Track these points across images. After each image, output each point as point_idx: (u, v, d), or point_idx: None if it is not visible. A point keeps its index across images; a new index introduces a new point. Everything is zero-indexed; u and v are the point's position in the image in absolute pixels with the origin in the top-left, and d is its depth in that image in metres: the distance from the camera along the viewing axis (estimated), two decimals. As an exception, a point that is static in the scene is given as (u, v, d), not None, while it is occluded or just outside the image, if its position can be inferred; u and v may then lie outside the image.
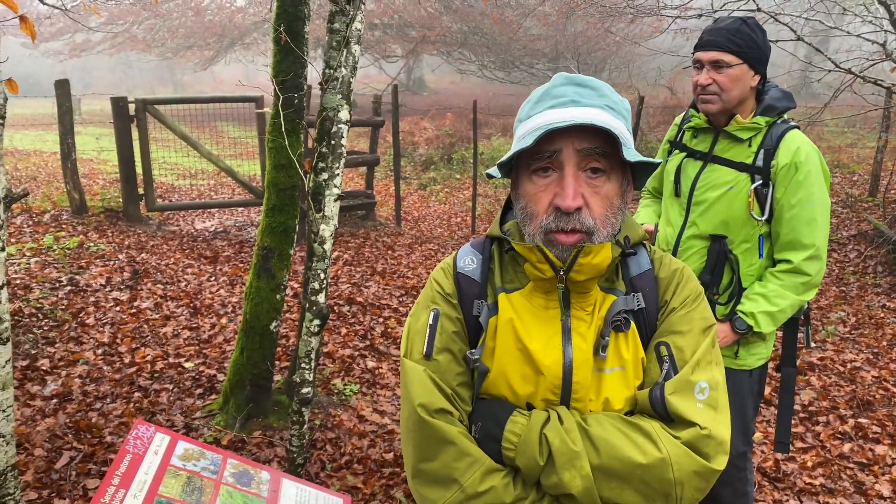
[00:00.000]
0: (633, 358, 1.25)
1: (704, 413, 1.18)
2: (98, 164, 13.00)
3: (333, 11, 3.12)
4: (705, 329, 1.27)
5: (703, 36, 2.19)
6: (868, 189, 9.79)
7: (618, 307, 1.24)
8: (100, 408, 3.80)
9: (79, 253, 6.45)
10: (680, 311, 1.28)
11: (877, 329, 5.32)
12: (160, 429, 1.63)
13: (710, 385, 1.21)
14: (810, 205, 2.14)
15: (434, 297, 1.32)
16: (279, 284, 3.61)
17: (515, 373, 1.25)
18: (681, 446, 1.15)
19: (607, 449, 1.14)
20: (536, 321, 1.25)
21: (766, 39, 2.15)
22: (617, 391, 1.23)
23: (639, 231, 1.31)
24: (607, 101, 1.20)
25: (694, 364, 1.22)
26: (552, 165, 1.19)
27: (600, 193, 1.19)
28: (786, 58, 16.62)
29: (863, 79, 5.73)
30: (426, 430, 1.21)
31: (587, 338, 1.24)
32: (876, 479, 3.35)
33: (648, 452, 1.13)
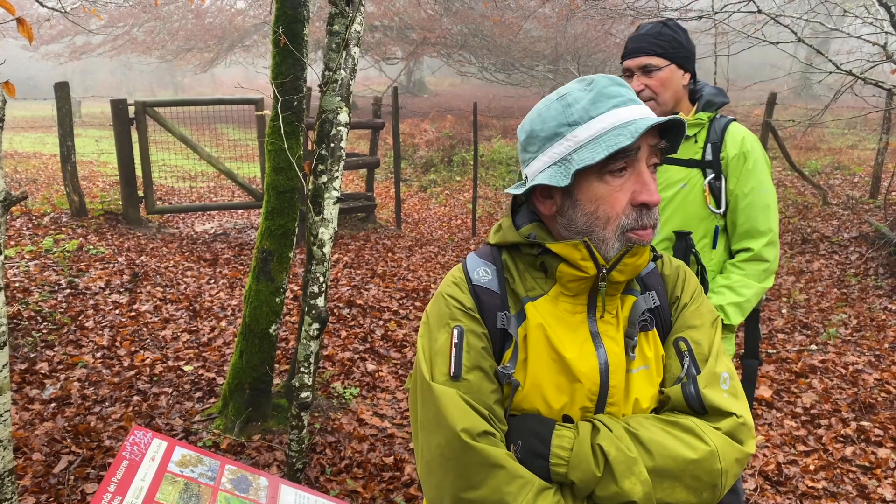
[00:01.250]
0: (655, 356, 1.27)
1: (733, 402, 1.22)
2: (98, 167, 13.00)
3: (333, 13, 3.11)
4: (714, 321, 1.31)
5: (628, 44, 2.22)
6: (869, 191, 9.78)
7: (641, 307, 1.26)
8: (99, 411, 3.79)
9: (78, 256, 6.44)
10: (691, 305, 1.31)
11: (878, 331, 5.30)
12: (157, 434, 1.62)
13: (730, 375, 1.25)
14: (762, 192, 2.20)
15: (453, 314, 1.25)
16: (279, 287, 3.60)
17: (550, 384, 1.21)
18: (723, 437, 1.18)
19: (660, 450, 1.14)
20: (565, 327, 1.23)
21: (689, 38, 2.19)
22: (644, 390, 1.24)
23: None
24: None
25: (715, 356, 1.25)
26: (627, 164, 1.17)
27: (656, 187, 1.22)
28: (786, 59, 16.62)
29: (863, 80, 5.72)
30: (472, 456, 1.14)
31: (618, 340, 1.24)
32: (879, 483, 3.33)
33: (697, 447, 1.15)
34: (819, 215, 8.90)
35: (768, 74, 12.18)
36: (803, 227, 8.33)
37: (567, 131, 1.18)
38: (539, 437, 1.17)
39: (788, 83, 19.56)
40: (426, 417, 1.20)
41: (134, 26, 22.19)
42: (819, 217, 8.81)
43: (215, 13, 22.86)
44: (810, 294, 6.30)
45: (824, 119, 8.36)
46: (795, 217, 8.92)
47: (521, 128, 1.27)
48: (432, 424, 1.19)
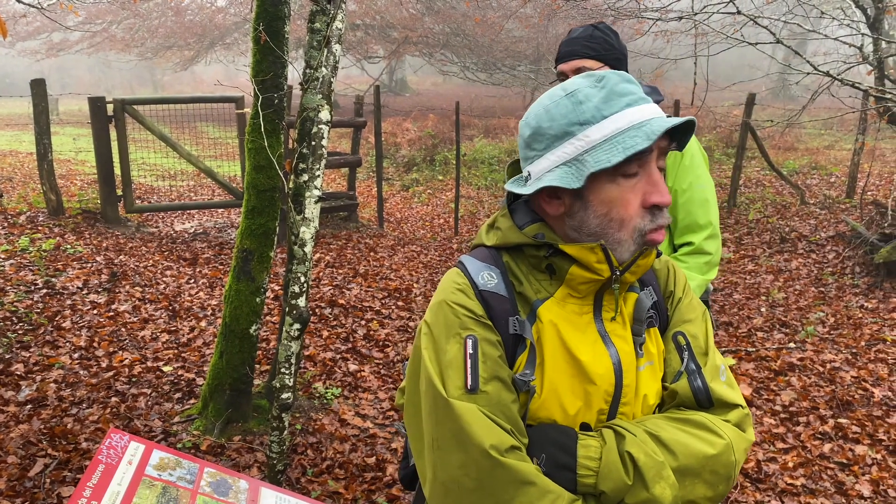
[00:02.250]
0: (657, 351, 1.28)
1: (733, 392, 1.25)
2: (76, 165, 12.83)
3: (314, 11, 3.09)
4: (704, 313, 1.34)
5: (561, 48, 2.23)
6: (845, 191, 9.91)
7: (646, 304, 1.26)
8: (76, 413, 3.73)
9: (55, 255, 6.35)
10: (685, 299, 1.34)
11: (855, 329, 5.37)
12: (135, 437, 1.59)
13: (725, 366, 1.29)
14: (700, 187, 2.24)
15: (464, 323, 1.18)
16: (259, 287, 3.57)
17: (566, 388, 1.18)
18: (734, 428, 1.20)
19: (682, 450, 1.14)
20: (574, 329, 1.20)
21: (619, 41, 2.23)
22: (650, 386, 1.25)
23: None
24: None
25: (712, 349, 1.29)
26: (640, 166, 1.15)
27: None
28: (765, 60, 16.79)
29: (840, 81, 5.78)
30: (502, 474, 1.08)
31: (627, 338, 1.24)
32: (856, 480, 3.37)
33: (715, 442, 1.16)
34: (797, 215, 9.00)
35: (747, 75, 12.30)
36: (782, 227, 8.42)
37: (578, 130, 1.14)
38: (563, 449, 1.13)
39: (767, 84, 19.77)
40: (442, 436, 1.13)
41: (112, 23, 21.93)
42: (797, 216, 8.91)
43: (195, 11, 22.67)
44: (788, 293, 6.37)
45: (802, 119, 8.44)
46: (774, 216, 9.01)
47: (526, 123, 1.22)
48: (451, 443, 1.12)
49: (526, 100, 22.49)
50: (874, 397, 4.21)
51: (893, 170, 11.50)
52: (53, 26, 19.05)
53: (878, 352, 4.91)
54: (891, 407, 4.10)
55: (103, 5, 20.48)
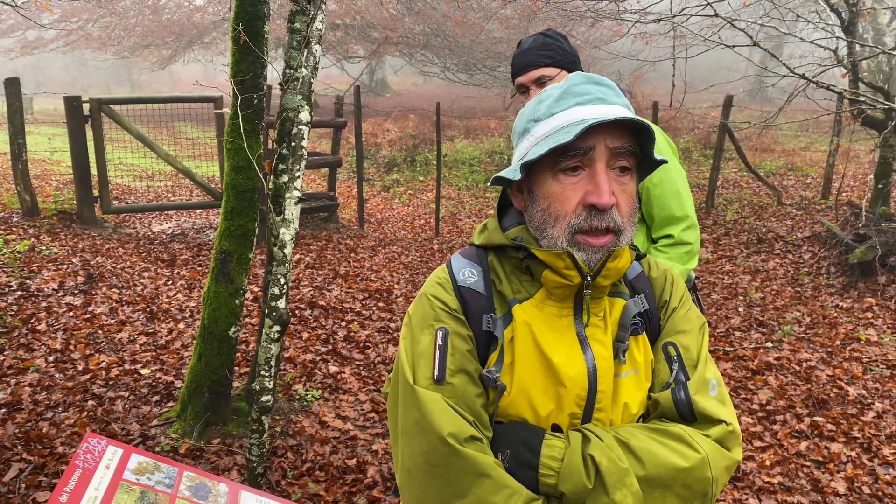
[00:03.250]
0: (644, 360, 1.25)
1: (721, 409, 1.21)
2: (51, 165, 12.64)
3: (294, 11, 3.07)
4: (701, 327, 1.30)
5: (515, 61, 2.25)
6: (821, 192, 10.05)
7: (632, 311, 1.24)
8: (51, 417, 3.68)
9: (30, 256, 6.25)
10: (680, 310, 1.30)
11: (830, 329, 5.45)
12: (112, 441, 1.57)
13: (717, 381, 1.24)
14: (671, 180, 2.24)
15: (437, 315, 1.21)
16: (238, 289, 3.54)
17: (537, 388, 1.18)
18: (713, 444, 1.16)
19: (651, 459, 1.11)
20: (552, 331, 1.21)
21: (570, 44, 2.24)
22: (633, 395, 1.22)
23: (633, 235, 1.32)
24: (625, 100, 1.19)
25: (703, 362, 1.25)
26: (582, 164, 1.15)
27: (627, 192, 1.16)
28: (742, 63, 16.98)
29: (815, 84, 5.86)
30: (458, 463, 1.10)
31: (606, 343, 1.21)
32: (832, 477, 3.42)
33: (689, 456, 1.13)
34: (774, 215, 9.11)
35: (725, 77, 12.43)
36: (759, 227, 8.52)
37: (532, 127, 1.20)
38: (528, 446, 1.14)
39: (744, 86, 20.01)
40: (408, 423, 1.16)
41: (88, 21, 21.64)
42: (774, 217, 9.02)
43: (173, 9, 22.44)
44: (765, 293, 6.44)
45: (778, 121, 8.55)
46: (751, 217, 9.12)
47: None
48: (415, 430, 1.14)
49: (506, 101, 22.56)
50: (849, 395, 4.27)
51: (867, 171, 11.67)
52: (28, 24, 18.77)
53: (853, 351, 4.98)
54: (865, 405, 4.16)
55: (79, 3, 20.22)
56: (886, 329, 5.36)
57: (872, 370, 4.65)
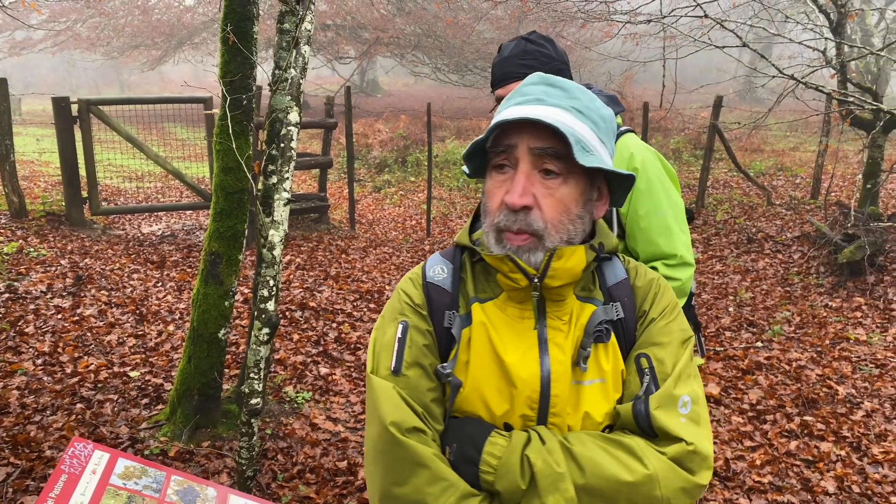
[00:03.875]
0: (612, 370, 1.21)
1: (688, 428, 1.15)
2: (39, 167, 12.56)
3: (283, 11, 3.06)
4: (684, 341, 1.23)
5: (495, 72, 2.02)
6: (810, 192, 10.10)
7: (599, 317, 1.20)
8: (39, 420, 3.65)
9: (18, 259, 6.21)
10: (660, 321, 1.24)
11: (820, 328, 5.47)
12: (99, 446, 1.55)
13: (692, 399, 1.18)
14: (659, 214, 1.98)
15: (402, 309, 1.26)
16: (228, 291, 3.52)
17: (491, 388, 1.19)
18: (667, 462, 1.12)
19: (592, 468, 1.10)
20: (512, 332, 1.21)
21: (556, 47, 2.01)
22: (596, 405, 1.19)
23: (613, 240, 1.27)
24: (576, 103, 1.16)
25: (676, 377, 1.18)
26: (508, 162, 1.16)
27: (554, 196, 1.15)
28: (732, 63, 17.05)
29: (804, 85, 5.89)
30: (398, 452, 1.14)
31: (565, 349, 1.19)
32: (822, 476, 3.43)
33: (635, 470, 1.10)
34: (764, 215, 9.15)
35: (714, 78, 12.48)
36: (749, 227, 8.56)
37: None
38: (473, 443, 1.15)
39: (734, 86, 20.10)
40: (368, 409, 1.21)
41: (77, 21, 21.51)
42: (764, 217, 9.06)
43: (163, 10, 22.33)
44: (756, 292, 6.47)
45: (768, 122, 8.59)
46: (741, 217, 9.15)
47: None
48: (370, 417, 1.20)
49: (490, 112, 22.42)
50: (838, 395, 4.29)
51: (856, 171, 11.74)
52: (16, 24, 18.64)
53: (842, 350, 5.01)
54: (854, 404, 4.18)
55: (67, 3, 20.11)
56: (875, 328, 5.39)
57: (861, 369, 4.67)
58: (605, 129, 1.20)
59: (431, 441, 1.16)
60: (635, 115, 13.92)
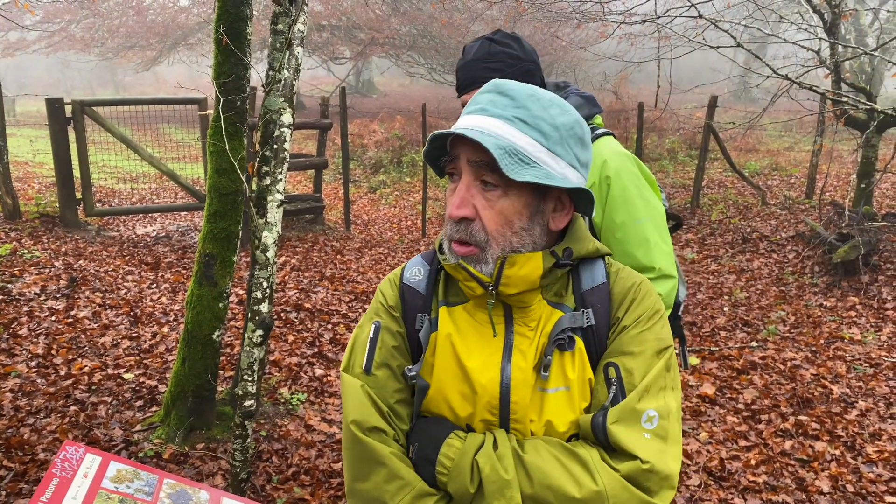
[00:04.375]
0: (578, 378, 1.17)
1: (651, 444, 1.09)
2: (33, 168, 12.53)
3: (277, 12, 3.05)
4: (660, 351, 1.16)
5: (459, 76, 1.89)
6: (805, 191, 10.13)
7: (563, 324, 1.17)
8: (32, 423, 3.63)
9: (11, 260, 6.18)
10: (632, 329, 1.18)
11: (815, 328, 5.48)
12: (90, 449, 1.55)
13: (661, 414, 1.12)
14: (636, 224, 1.84)
15: (378, 309, 1.28)
16: (222, 292, 3.51)
17: (454, 391, 1.19)
18: (619, 480, 1.07)
19: (540, 478, 1.08)
20: (478, 337, 1.20)
21: (524, 45, 1.87)
22: (560, 413, 1.16)
23: (588, 245, 1.22)
24: (522, 113, 1.12)
25: (643, 390, 1.12)
26: (455, 172, 1.16)
27: (494, 208, 1.13)
28: (726, 63, 17.08)
29: (799, 85, 5.91)
30: (359, 449, 1.18)
31: (528, 355, 1.17)
32: (816, 476, 3.44)
33: (584, 485, 1.06)
34: (758, 215, 9.17)
35: (709, 78, 12.49)
36: (743, 227, 8.57)
37: None
38: (433, 442, 1.16)
39: (728, 86, 20.14)
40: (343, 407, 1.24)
41: (71, 22, 21.45)
42: (758, 217, 9.08)
43: (157, 10, 22.28)
44: (750, 292, 6.48)
45: (762, 121, 8.62)
46: (736, 217, 9.17)
47: None
48: (343, 414, 1.23)
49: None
50: (833, 394, 4.30)
51: (850, 171, 11.78)
52: (9, 25, 18.57)
53: (837, 349, 5.02)
54: (849, 403, 4.19)
55: (61, 4, 20.04)
56: (869, 327, 5.41)
57: (856, 369, 4.68)
58: (557, 138, 1.14)
59: (392, 440, 1.19)
60: (630, 116, 13.94)
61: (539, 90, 1.17)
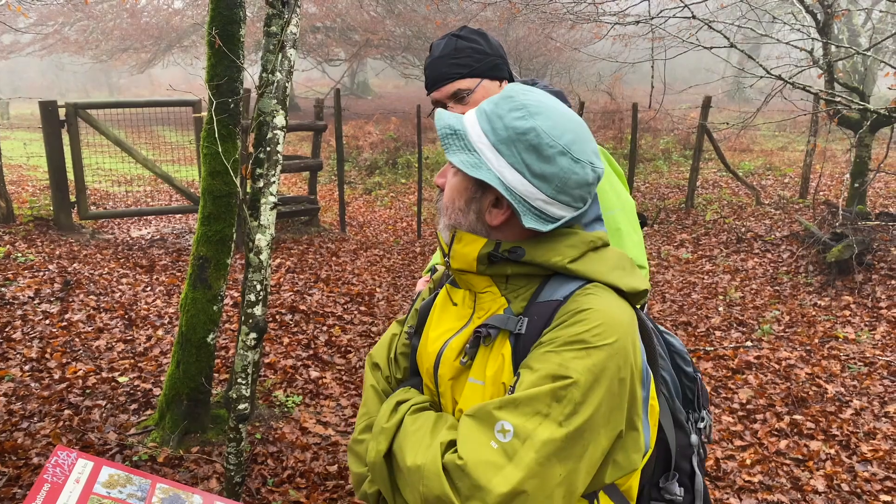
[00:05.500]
0: (493, 377, 1.16)
1: (486, 452, 1.05)
2: (27, 171, 12.48)
3: (270, 14, 3.05)
4: (555, 376, 1.07)
5: (427, 73, 1.90)
6: (799, 191, 10.15)
7: (491, 320, 1.19)
8: (26, 427, 3.62)
9: (5, 264, 6.16)
10: (544, 346, 1.12)
11: (809, 327, 5.49)
12: (83, 454, 1.54)
13: (518, 434, 1.04)
14: (608, 214, 1.82)
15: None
16: (216, 295, 3.50)
17: (421, 357, 1.34)
18: (437, 465, 1.07)
19: (401, 438, 1.19)
20: (455, 314, 1.32)
21: (490, 41, 1.87)
22: (471, 404, 1.18)
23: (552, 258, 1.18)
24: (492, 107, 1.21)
25: (510, 401, 1.07)
26: None
27: (449, 183, 1.27)
28: (720, 64, 17.11)
29: (792, 85, 5.92)
30: (365, 378, 1.44)
31: (461, 337, 1.26)
32: (811, 475, 3.45)
33: (417, 457, 1.12)
34: (753, 215, 9.19)
35: (703, 78, 12.53)
36: (738, 227, 8.59)
37: None
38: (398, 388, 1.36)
39: (722, 87, 20.18)
40: None
41: (65, 25, 21.40)
42: (753, 217, 9.10)
43: (151, 12, 22.24)
44: (745, 292, 6.49)
45: (756, 122, 8.63)
46: (730, 217, 9.19)
47: None
48: None
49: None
50: (827, 393, 4.31)
51: (844, 170, 11.81)
52: (3, 28, 18.52)
53: (831, 349, 5.03)
54: (843, 403, 4.20)
55: (55, 7, 19.98)
56: (863, 327, 5.42)
57: (850, 368, 4.70)
58: (504, 137, 1.16)
59: (382, 378, 1.41)
60: (625, 116, 13.96)
61: (534, 95, 1.20)
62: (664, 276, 7.23)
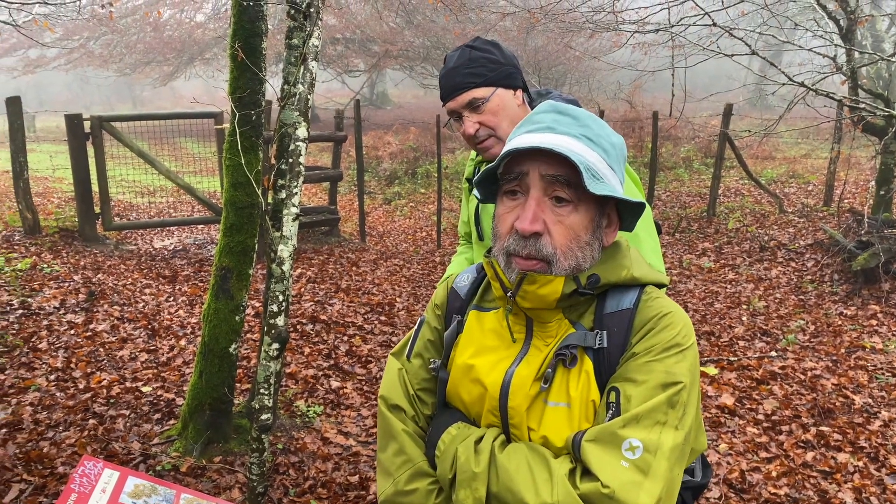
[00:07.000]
0: (580, 397, 1.17)
1: (623, 473, 1.06)
2: (52, 183, 12.69)
3: (291, 27, 3.08)
4: (666, 384, 1.12)
5: (442, 84, 1.93)
6: (823, 199, 10.03)
7: (570, 340, 1.19)
8: (52, 437, 3.66)
9: (31, 275, 6.25)
10: (641, 357, 1.15)
11: (835, 336, 5.41)
12: (108, 464, 1.55)
13: (647, 447, 1.08)
14: None
15: (429, 306, 1.43)
16: (238, 305, 3.53)
17: (466, 388, 1.27)
18: (574, 498, 1.06)
19: (505, 479, 1.12)
20: (499, 342, 1.27)
21: (504, 51, 1.90)
22: (557, 428, 1.17)
23: (620, 273, 1.23)
24: (586, 131, 1.19)
25: (631, 418, 1.10)
26: (520, 189, 1.20)
27: (564, 223, 1.17)
28: (741, 71, 17.00)
29: (815, 91, 5.86)
30: (382, 422, 1.33)
31: (532, 365, 1.21)
32: (839, 488, 3.38)
33: (540, 494, 1.07)
34: (776, 223, 9.09)
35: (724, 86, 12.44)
36: (761, 235, 8.50)
37: None
38: (439, 428, 1.26)
39: (744, 94, 20.02)
40: None
41: (90, 39, 21.78)
42: (776, 225, 9.00)
43: (174, 26, 22.56)
44: (769, 301, 6.41)
45: (779, 129, 8.54)
46: (753, 225, 9.10)
47: None
48: None
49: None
50: (855, 404, 4.23)
51: (869, 178, 11.65)
52: (30, 43, 18.88)
53: (858, 359, 4.95)
54: (871, 414, 4.13)
55: (80, 22, 20.33)
56: (891, 336, 5.33)
57: (878, 378, 4.61)
58: (615, 156, 1.22)
59: (409, 419, 1.31)
60: (645, 125, 13.90)
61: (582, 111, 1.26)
62: (686, 285, 7.16)
